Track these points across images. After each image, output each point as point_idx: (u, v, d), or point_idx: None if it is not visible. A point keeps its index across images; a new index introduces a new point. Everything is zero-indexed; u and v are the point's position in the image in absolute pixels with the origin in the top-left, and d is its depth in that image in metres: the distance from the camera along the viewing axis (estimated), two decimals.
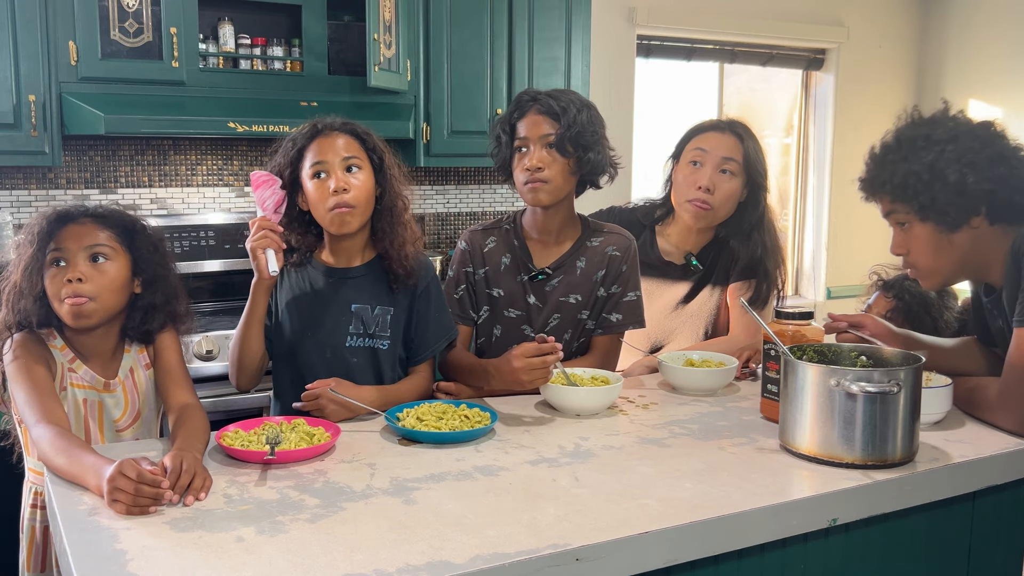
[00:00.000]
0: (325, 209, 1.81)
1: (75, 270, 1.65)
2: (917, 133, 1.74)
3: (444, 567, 1.15)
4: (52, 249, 1.67)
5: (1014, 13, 4.62)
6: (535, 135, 1.96)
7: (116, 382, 1.74)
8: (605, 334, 2.07)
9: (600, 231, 2.09)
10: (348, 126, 1.87)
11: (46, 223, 1.68)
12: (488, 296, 2.07)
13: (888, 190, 1.77)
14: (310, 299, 1.89)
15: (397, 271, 1.87)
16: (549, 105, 1.95)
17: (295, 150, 1.85)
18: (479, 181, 3.95)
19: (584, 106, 1.97)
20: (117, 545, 1.21)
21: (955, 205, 1.70)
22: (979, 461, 1.58)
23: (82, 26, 2.74)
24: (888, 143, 1.79)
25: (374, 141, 1.89)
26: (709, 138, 2.27)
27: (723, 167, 2.23)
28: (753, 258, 2.29)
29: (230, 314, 3.12)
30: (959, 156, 1.68)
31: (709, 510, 1.33)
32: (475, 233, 2.12)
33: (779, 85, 4.98)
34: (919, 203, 1.72)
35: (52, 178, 3.11)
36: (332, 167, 1.80)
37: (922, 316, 2.25)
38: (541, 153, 1.95)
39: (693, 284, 2.34)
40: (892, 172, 1.74)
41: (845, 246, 4.94)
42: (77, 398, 1.71)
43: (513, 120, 2.01)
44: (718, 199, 2.23)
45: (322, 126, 1.86)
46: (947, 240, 1.75)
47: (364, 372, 1.88)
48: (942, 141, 1.70)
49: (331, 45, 3.26)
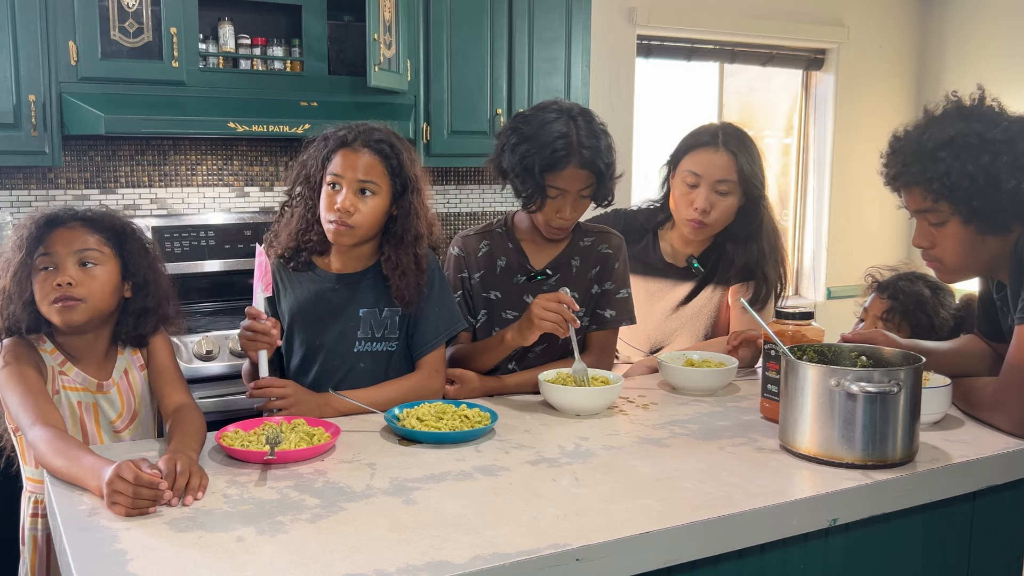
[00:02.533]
0: (326, 219, 1.82)
1: (64, 275, 1.64)
2: (971, 130, 1.66)
3: (444, 567, 1.15)
4: (41, 254, 1.65)
5: (1014, 13, 4.62)
6: (574, 189, 1.94)
7: (110, 383, 1.74)
8: (600, 330, 2.09)
9: (591, 231, 2.10)
10: (379, 144, 1.83)
11: (34, 227, 1.66)
12: (485, 299, 2.07)
13: (936, 188, 1.68)
14: (318, 309, 1.88)
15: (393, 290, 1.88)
16: (590, 159, 1.91)
17: (324, 152, 1.84)
18: (479, 181, 3.95)
19: (609, 148, 1.95)
20: (117, 545, 1.21)
21: (1005, 211, 1.66)
22: (979, 461, 1.58)
23: (82, 26, 2.74)
24: (939, 138, 1.68)
25: (402, 166, 1.84)
26: (702, 160, 2.22)
27: (717, 188, 2.21)
28: (749, 262, 2.29)
29: (230, 314, 3.12)
30: (1015, 160, 1.63)
31: (709, 510, 1.33)
32: (467, 238, 2.11)
33: (779, 85, 4.98)
34: (969, 207, 1.67)
35: (52, 178, 3.11)
36: (346, 184, 1.80)
37: (918, 315, 2.25)
38: (575, 203, 1.96)
39: (694, 285, 2.34)
40: (945, 171, 1.66)
41: (845, 246, 4.93)
42: (71, 400, 1.70)
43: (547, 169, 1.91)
44: (714, 217, 2.23)
45: (352, 136, 1.83)
46: (980, 241, 1.72)
47: (373, 375, 1.88)
48: (997, 142, 1.64)
49: (331, 45, 3.25)
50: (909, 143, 1.74)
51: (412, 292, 1.86)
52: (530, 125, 1.94)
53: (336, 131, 1.86)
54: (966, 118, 1.70)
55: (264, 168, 3.46)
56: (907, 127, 1.79)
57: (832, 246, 4.95)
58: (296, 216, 1.89)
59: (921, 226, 1.78)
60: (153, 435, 1.81)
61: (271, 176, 3.48)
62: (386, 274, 1.88)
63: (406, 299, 1.86)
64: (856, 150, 4.85)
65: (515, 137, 1.95)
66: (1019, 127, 1.68)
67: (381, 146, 1.83)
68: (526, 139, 1.92)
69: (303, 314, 1.89)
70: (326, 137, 1.86)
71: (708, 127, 2.30)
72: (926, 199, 1.73)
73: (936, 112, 1.76)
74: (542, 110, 1.96)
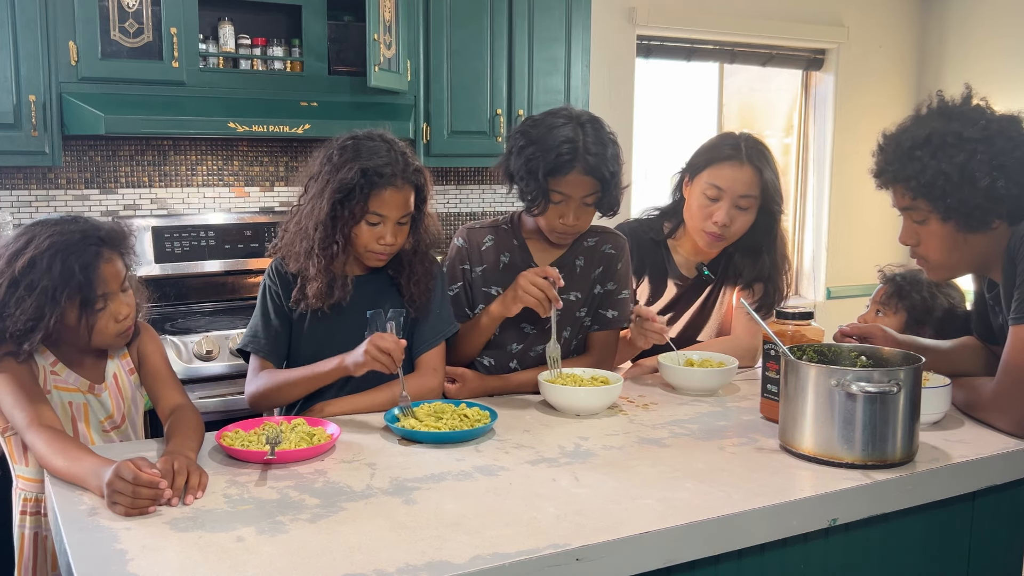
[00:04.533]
0: (367, 250, 1.84)
1: (122, 307, 1.69)
2: (948, 129, 1.67)
3: (444, 567, 1.15)
4: (99, 296, 1.65)
5: (1014, 13, 4.61)
6: (578, 195, 1.93)
7: (102, 386, 1.75)
8: (602, 330, 2.09)
9: (595, 232, 2.11)
10: (417, 177, 1.86)
11: (83, 275, 1.61)
12: (485, 294, 2.06)
13: (913, 186, 1.70)
14: (329, 314, 1.88)
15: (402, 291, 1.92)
16: (595, 166, 1.90)
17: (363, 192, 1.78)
18: (479, 181, 3.95)
19: (616, 157, 1.95)
20: (117, 545, 1.22)
21: (982, 208, 1.66)
22: (979, 461, 1.58)
23: (82, 26, 2.74)
24: (917, 137, 1.70)
25: (425, 189, 1.89)
26: (726, 174, 2.16)
27: (739, 203, 2.17)
28: (761, 275, 2.27)
29: (230, 314, 3.12)
30: (991, 158, 1.63)
31: (709, 510, 1.33)
32: (472, 231, 2.11)
33: (779, 85, 4.98)
34: (945, 204, 1.67)
35: (52, 178, 3.11)
36: (390, 222, 1.82)
37: (912, 296, 2.26)
38: (579, 210, 1.96)
39: (708, 292, 2.33)
40: (920, 169, 1.68)
41: (845, 246, 4.93)
42: (63, 400, 1.71)
43: (551, 173, 1.91)
44: (733, 231, 2.19)
45: (397, 173, 1.81)
46: (963, 239, 1.72)
47: (377, 376, 1.88)
48: (974, 141, 1.64)
49: (331, 45, 3.25)
50: (891, 142, 1.76)
51: (423, 296, 1.92)
52: (538, 129, 1.94)
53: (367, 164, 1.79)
54: (946, 117, 1.70)
55: (264, 168, 3.46)
56: (896, 125, 1.79)
57: (832, 246, 4.95)
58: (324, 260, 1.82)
59: (906, 223, 1.80)
60: (141, 436, 1.82)
61: (271, 176, 3.48)
62: (398, 280, 1.92)
63: (417, 303, 1.91)
64: (856, 150, 4.85)
65: (522, 140, 1.95)
66: (999, 125, 1.67)
67: (416, 179, 1.86)
68: (532, 142, 1.92)
69: (313, 316, 1.89)
70: (364, 172, 1.78)
71: (729, 138, 2.24)
72: (905, 197, 1.75)
73: (921, 111, 1.77)
74: (552, 115, 1.96)
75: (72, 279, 1.61)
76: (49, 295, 1.59)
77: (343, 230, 1.81)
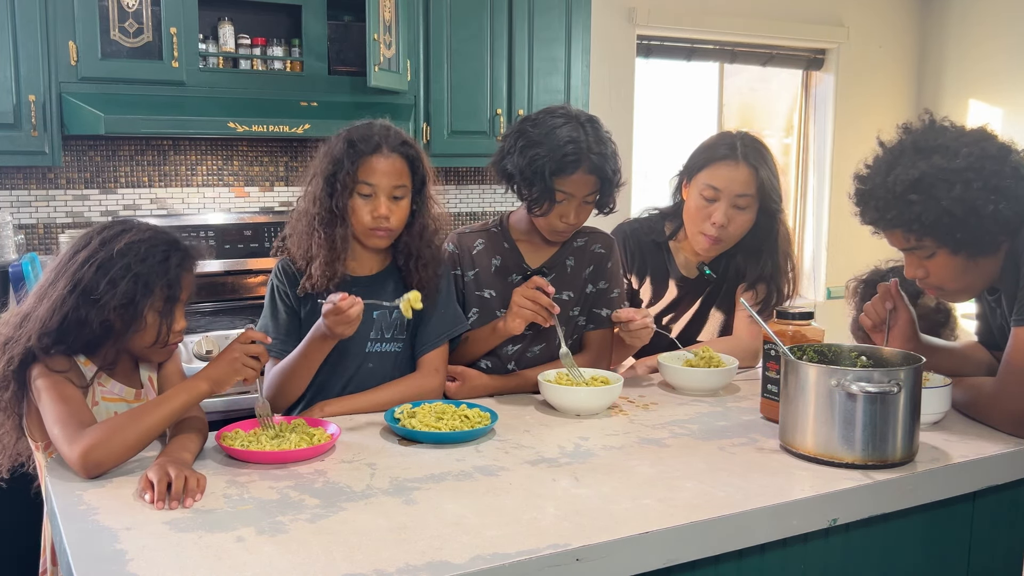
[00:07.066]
0: (364, 226, 1.84)
1: (182, 319, 1.68)
2: (934, 165, 1.65)
3: (444, 567, 1.15)
4: (180, 300, 1.66)
5: (1014, 13, 4.61)
6: (580, 194, 1.94)
7: (143, 392, 1.74)
8: (597, 329, 2.10)
9: (584, 231, 2.11)
10: (405, 148, 1.87)
11: (176, 272, 1.61)
12: (479, 298, 2.06)
13: (917, 228, 1.69)
14: None
15: (411, 281, 1.91)
16: (599, 165, 1.92)
17: (351, 162, 1.82)
18: (479, 181, 3.95)
19: (615, 155, 1.96)
20: (117, 545, 1.21)
21: (991, 233, 1.66)
22: (979, 461, 1.58)
23: (82, 26, 2.73)
24: (906, 180, 1.67)
25: (421, 166, 1.89)
26: (722, 174, 2.16)
27: (736, 203, 2.17)
28: (763, 276, 2.27)
29: (230, 314, 3.12)
30: (984, 184, 1.63)
31: (709, 510, 1.33)
32: (463, 236, 2.11)
33: (779, 85, 4.98)
34: (955, 239, 1.67)
35: (52, 178, 3.11)
36: (381, 192, 1.83)
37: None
38: (579, 208, 1.96)
39: (709, 291, 2.33)
40: (921, 211, 1.66)
41: (845, 246, 4.93)
42: (109, 411, 1.68)
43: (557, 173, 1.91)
44: (731, 232, 2.19)
45: (382, 141, 1.84)
46: (973, 263, 1.72)
47: (379, 375, 1.89)
48: (964, 171, 1.63)
49: (331, 45, 3.25)
50: (877, 187, 1.73)
51: (432, 280, 1.91)
52: (539, 129, 1.93)
53: (356, 133, 1.85)
54: (924, 153, 1.68)
55: (264, 168, 3.46)
56: (868, 165, 1.78)
57: (832, 246, 4.95)
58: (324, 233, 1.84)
59: (910, 259, 1.79)
60: None
61: (271, 176, 3.47)
62: (407, 268, 1.91)
63: (427, 288, 1.89)
64: (856, 150, 4.79)
65: (523, 140, 1.94)
66: (979, 150, 1.66)
67: (406, 149, 1.87)
68: (536, 143, 1.92)
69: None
70: (351, 142, 1.83)
71: (725, 137, 2.24)
72: (909, 240, 1.73)
73: (892, 146, 1.75)
74: (550, 114, 1.96)
75: (167, 273, 1.60)
76: (143, 282, 1.57)
77: (338, 203, 1.82)
